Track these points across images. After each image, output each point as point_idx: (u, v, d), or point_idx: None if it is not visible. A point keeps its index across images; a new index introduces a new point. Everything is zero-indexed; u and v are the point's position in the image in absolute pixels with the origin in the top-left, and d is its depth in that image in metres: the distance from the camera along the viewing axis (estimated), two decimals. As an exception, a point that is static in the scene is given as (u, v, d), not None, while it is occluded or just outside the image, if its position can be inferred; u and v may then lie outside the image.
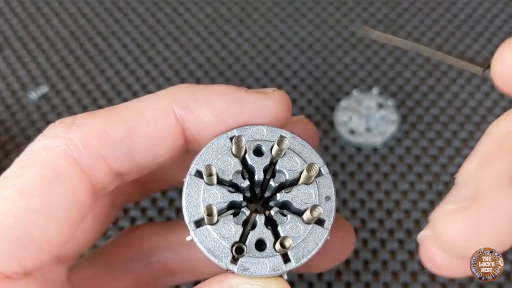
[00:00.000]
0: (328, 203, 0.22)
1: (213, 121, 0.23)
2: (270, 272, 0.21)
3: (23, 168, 0.21)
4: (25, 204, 0.21)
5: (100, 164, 0.22)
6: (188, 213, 0.22)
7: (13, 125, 0.44)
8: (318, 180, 0.23)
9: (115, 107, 0.23)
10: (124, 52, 0.49)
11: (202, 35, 0.50)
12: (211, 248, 0.21)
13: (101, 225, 0.28)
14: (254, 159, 0.23)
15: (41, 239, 0.21)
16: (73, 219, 0.22)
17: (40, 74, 0.47)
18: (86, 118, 0.23)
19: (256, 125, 0.23)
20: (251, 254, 0.21)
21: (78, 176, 0.22)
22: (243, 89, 0.23)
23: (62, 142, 0.22)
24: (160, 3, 0.53)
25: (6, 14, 0.52)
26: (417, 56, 0.48)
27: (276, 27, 0.51)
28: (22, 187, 0.21)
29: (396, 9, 0.52)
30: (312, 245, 0.22)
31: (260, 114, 0.23)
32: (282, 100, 0.23)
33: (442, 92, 0.46)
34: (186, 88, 0.23)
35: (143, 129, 0.22)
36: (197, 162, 0.22)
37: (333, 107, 0.45)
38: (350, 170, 0.41)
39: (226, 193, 0.22)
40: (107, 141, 0.22)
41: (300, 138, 0.23)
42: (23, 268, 0.21)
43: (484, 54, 0.48)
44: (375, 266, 0.37)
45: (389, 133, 0.42)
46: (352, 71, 0.47)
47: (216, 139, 0.23)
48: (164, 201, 0.40)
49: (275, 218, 0.22)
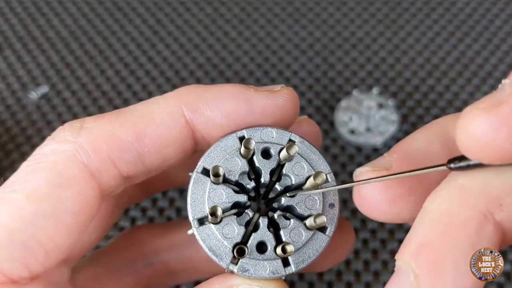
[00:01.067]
0: (332, 211, 0.23)
1: (224, 122, 0.23)
2: (269, 275, 0.21)
3: (32, 172, 0.21)
4: (34, 208, 0.21)
5: (109, 168, 0.22)
6: (192, 210, 0.22)
7: (13, 125, 0.44)
8: (323, 187, 0.23)
9: (124, 110, 0.23)
10: (124, 52, 0.49)
11: (202, 35, 0.50)
12: (212, 247, 0.21)
13: (104, 226, 0.28)
14: (261, 161, 0.23)
15: (48, 244, 0.21)
16: (81, 223, 0.22)
17: (40, 74, 0.48)
18: (95, 121, 0.22)
19: (266, 126, 0.23)
20: (252, 256, 0.21)
21: (87, 180, 0.22)
22: (252, 88, 0.23)
23: (71, 147, 0.22)
24: (160, 3, 0.53)
25: (6, 14, 0.52)
26: (417, 56, 0.48)
27: (276, 27, 0.51)
28: (31, 191, 0.21)
29: (396, 9, 0.52)
30: (312, 251, 0.22)
31: (269, 113, 0.23)
32: (291, 98, 0.23)
33: (442, 92, 0.46)
34: (195, 90, 0.23)
35: (153, 132, 0.22)
36: (205, 160, 0.22)
37: (334, 107, 0.45)
38: (350, 170, 0.41)
39: (231, 193, 0.22)
40: (117, 145, 0.22)
41: (308, 143, 0.23)
42: (30, 272, 0.21)
43: (484, 54, 0.48)
44: (376, 266, 0.37)
45: (389, 133, 0.42)
46: (352, 71, 0.47)
47: (224, 138, 0.23)
48: (165, 201, 0.40)
49: (278, 221, 0.22)
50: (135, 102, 0.49)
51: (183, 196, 0.40)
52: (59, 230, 0.21)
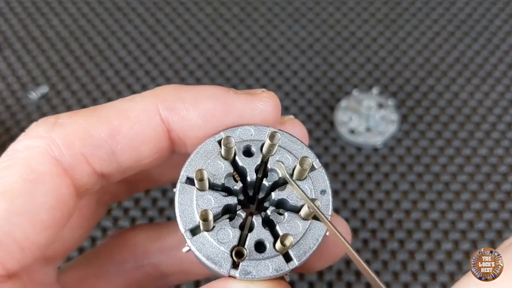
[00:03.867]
0: (325, 197, 0.22)
1: (200, 123, 0.22)
2: (273, 273, 0.21)
3: (5, 169, 0.21)
4: (7, 205, 0.20)
5: (82, 164, 0.22)
6: (182, 222, 0.21)
7: (13, 125, 0.44)
8: (311, 174, 0.22)
9: (100, 107, 0.23)
10: (124, 52, 0.49)
11: (202, 35, 0.50)
12: (210, 255, 0.21)
13: (88, 224, 0.27)
14: (244, 160, 0.22)
15: (24, 241, 0.21)
16: (57, 220, 0.22)
17: (40, 74, 0.47)
18: (69, 117, 0.22)
19: (243, 125, 0.23)
20: (252, 257, 0.21)
21: (60, 176, 0.21)
22: (232, 90, 0.23)
23: (44, 142, 0.21)
24: (160, 3, 0.53)
25: (6, 14, 0.52)
26: (416, 56, 0.48)
27: (276, 27, 0.51)
28: (4, 188, 0.20)
29: (396, 9, 0.52)
30: (312, 241, 0.21)
31: (247, 116, 0.23)
32: (271, 102, 0.23)
33: (442, 92, 0.46)
34: (173, 89, 0.23)
35: (127, 130, 0.22)
36: (187, 169, 0.22)
37: (333, 107, 0.45)
38: (350, 170, 0.41)
39: (220, 197, 0.22)
40: (90, 141, 0.22)
41: (288, 134, 0.23)
42: (6, 270, 0.21)
43: (484, 54, 0.48)
44: (376, 266, 0.37)
45: (389, 133, 0.42)
46: (352, 71, 0.47)
47: (204, 144, 0.22)
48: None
49: (272, 218, 0.22)
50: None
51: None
52: (34, 227, 0.21)
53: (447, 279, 0.36)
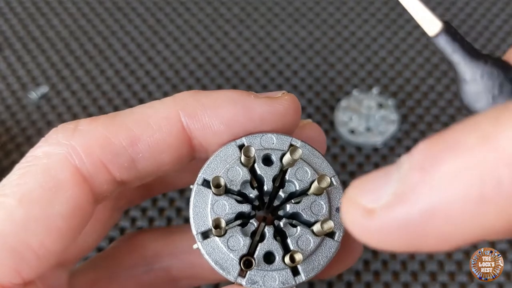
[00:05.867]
0: (339, 215, 0.22)
1: (222, 129, 0.22)
2: (279, 285, 0.21)
3: (24, 176, 0.21)
4: (25, 212, 0.20)
5: (102, 172, 0.22)
6: (195, 224, 0.21)
7: (13, 125, 0.44)
8: (328, 190, 0.22)
9: (119, 113, 0.22)
10: (124, 52, 0.49)
11: (202, 35, 0.50)
12: (219, 260, 0.21)
13: (102, 229, 0.27)
14: (263, 168, 0.22)
15: (40, 248, 0.20)
16: (74, 228, 0.21)
17: (40, 74, 0.47)
18: (89, 124, 0.22)
19: (266, 133, 0.22)
20: (260, 267, 0.21)
21: (79, 184, 0.21)
22: (252, 94, 0.23)
23: (64, 150, 0.21)
24: (160, 3, 0.53)
25: (6, 14, 0.52)
26: (417, 56, 0.48)
27: (276, 27, 0.51)
28: (22, 195, 0.20)
29: (396, 9, 0.52)
30: (322, 258, 0.21)
31: (269, 120, 0.22)
32: (292, 105, 0.23)
33: (442, 92, 0.46)
34: (193, 95, 0.22)
35: (148, 138, 0.22)
36: (205, 171, 0.22)
37: (333, 107, 0.45)
38: (350, 170, 0.41)
39: (235, 203, 0.21)
40: (110, 149, 0.22)
41: (310, 146, 0.23)
42: (22, 278, 0.21)
43: (484, 54, 0.48)
44: (376, 266, 0.37)
45: (389, 133, 0.42)
46: (352, 71, 0.47)
47: (224, 148, 0.22)
48: (165, 201, 0.40)
49: (284, 230, 0.22)
50: (135, 102, 0.49)
51: (184, 196, 0.40)
52: (51, 235, 0.21)
53: (447, 279, 0.36)
